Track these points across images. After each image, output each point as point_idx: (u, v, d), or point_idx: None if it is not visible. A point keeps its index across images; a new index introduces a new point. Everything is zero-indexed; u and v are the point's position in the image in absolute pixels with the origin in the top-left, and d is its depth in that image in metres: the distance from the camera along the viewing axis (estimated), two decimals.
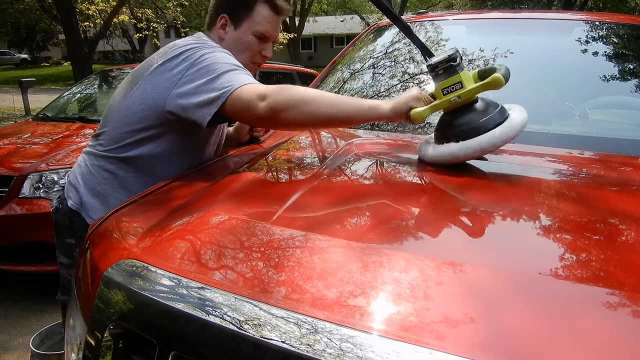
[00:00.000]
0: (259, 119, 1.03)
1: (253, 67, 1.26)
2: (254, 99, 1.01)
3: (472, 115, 0.96)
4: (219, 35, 1.23)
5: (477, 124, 0.94)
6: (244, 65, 1.20)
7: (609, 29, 1.66)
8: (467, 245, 0.66)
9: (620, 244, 0.66)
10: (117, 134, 1.18)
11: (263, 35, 1.22)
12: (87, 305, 0.72)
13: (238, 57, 1.20)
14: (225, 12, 1.21)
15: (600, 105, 1.40)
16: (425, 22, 1.88)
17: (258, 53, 1.25)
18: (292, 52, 22.91)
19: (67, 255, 1.26)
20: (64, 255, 1.26)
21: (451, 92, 0.95)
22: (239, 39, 1.22)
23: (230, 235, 0.72)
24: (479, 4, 21.09)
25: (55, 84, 18.72)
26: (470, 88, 0.94)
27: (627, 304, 0.52)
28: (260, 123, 1.16)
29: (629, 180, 0.95)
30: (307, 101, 1.00)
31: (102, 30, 10.79)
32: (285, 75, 5.06)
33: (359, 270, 0.59)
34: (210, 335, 0.56)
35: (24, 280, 2.91)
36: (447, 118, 1.00)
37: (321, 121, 1.05)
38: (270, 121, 1.05)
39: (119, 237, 0.79)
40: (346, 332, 0.50)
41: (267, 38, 1.23)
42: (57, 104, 4.19)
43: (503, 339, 0.47)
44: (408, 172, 1.02)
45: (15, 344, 2.31)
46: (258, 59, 1.26)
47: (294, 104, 0.99)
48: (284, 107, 0.99)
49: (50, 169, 2.76)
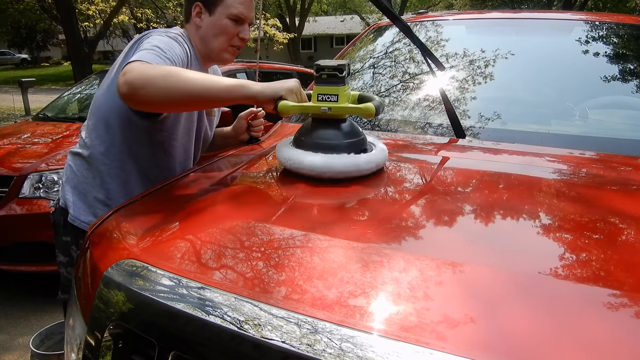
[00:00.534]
0: (122, 96, 0.95)
1: (232, 51, 1.26)
2: (120, 75, 0.94)
3: (335, 132, 0.93)
4: (196, 24, 1.24)
5: (333, 143, 0.91)
6: (222, 50, 1.23)
7: (609, 29, 1.66)
8: (467, 245, 0.66)
9: (620, 244, 0.66)
10: (90, 129, 1.21)
11: (238, 17, 1.22)
12: (87, 305, 0.72)
13: (216, 42, 1.22)
14: (198, 0, 1.23)
15: (600, 105, 1.40)
16: (425, 22, 1.88)
17: (235, 36, 1.25)
18: (292, 52, 22.92)
19: (64, 253, 1.27)
20: (62, 253, 1.28)
21: (325, 101, 0.93)
22: (215, 23, 1.22)
23: (230, 235, 0.72)
24: (479, 4, 21.09)
25: (55, 84, 18.72)
26: (342, 105, 0.93)
27: (627, 304, 0.53)
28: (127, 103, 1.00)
29: (629, 180, 0.95)
30: (165, 75, 0.93)
31: (102, 30, 10.80)
32: (285, 75, 5.06)
33: (359, 270, 0.59)
34: (210, 335, 0.56)
35: (24, 280, 2.91)
36: (312, 125, 0.97)
37: (183, 98, 0.95)
38: (130, 99, 0.96)
39: (119, 237, 0.79)
40: (346, 332, 0.50)
41: (242, 20, 1.24)
42: (57, 104, 4.19)
43: (503, 339, 0.47)
44: (407, 172, 1.02)
45: (15, 344, 2.31)
46: (236, 42, 1.26)
47: (150, 79, 0.92)
48: (141, 84, 0.92)
49: (50, 169, 2.76)
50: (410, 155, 1.15)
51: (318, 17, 31.15)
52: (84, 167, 1.22)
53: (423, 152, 1.16)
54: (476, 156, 1.10)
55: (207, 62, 1.28)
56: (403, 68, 1.65)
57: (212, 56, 1.26)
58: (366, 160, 0.91)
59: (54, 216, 1.28)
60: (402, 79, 1.60)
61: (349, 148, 0.91)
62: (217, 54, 1.25)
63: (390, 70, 1.67)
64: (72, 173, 1.24)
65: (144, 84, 0.92)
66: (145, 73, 0.93)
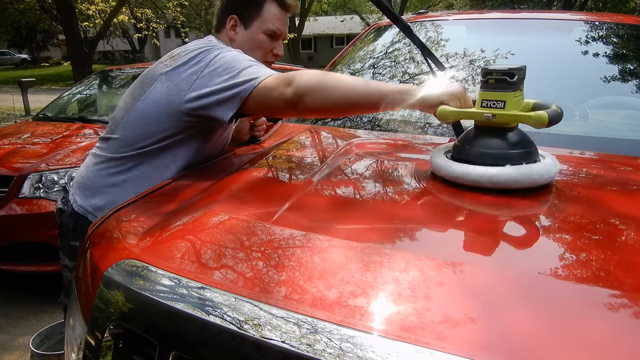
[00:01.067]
0: (285, 104, 1.01)
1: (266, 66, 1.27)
2: (281, 86, 1.00)
3: (500, 142, 0.85)
4: (229, 37, 1.23)
5: (499, 153, 0.83)
6: None
7: (609, 29, 1.66)
8: (467, 245, 0.67)
9: (620, 244, 0.66)
10: (129, 137, 1.17)
11: (274, 32, 1.23)
12: (87, 305, 0.72)
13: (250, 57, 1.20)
14: (234, 13, 1.22)
15: (601, 105, 1.40)
16: (425, 22, 1.88)
17: (270, 51, 1.25)
18: (292, 52, 22.92)
19: (70, 258, 1.25)
20: (67, 257, 1.25)
21: (490, 107, 0.85)
22: (251, 38, 1.22)
23: (230, 235, 0.72)
24: (479, 4, 21.09)
25: (55, 84, 18.72)
26: (509, 113, 0.84)
27: (627, 304, 0.53)
28: (284, 110, 1.10)
29: (629, 180, 0.95)
30: (331, 83, 0.97)
31: (102, 30, 10.80)
32: None
33: (359, 270, 0.59)
34: (211, 335, 0.56)
35: (24, 280, 2.91)
36: (475, 133, 0.89)
37: (346, 105, 0.99)
38: (295, 106, 1.01)
39: (119, 237, 0.79)
40: (346, 332, 0.50)
41: (278, 35, 1.24)
42: (57, 104, 4.19)
43: (503, 339, 0.47)
44: (408, 173, 1.02)
45: (15, 344, 2.31)
46: (270, 58, 1.26)
47: (316, 87, 0.97)
48: (308, 91, 0.97)
49: (50, 169, 2.76)
50: (410, 155, 1.15)
51: (318, 17, 31.16)
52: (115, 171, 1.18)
53: (423, 152, 1.16)
54: None
55: None
56: (403, 68, 1.65)
57: None
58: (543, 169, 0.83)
59: (62, 218, 1.25)
60: (402, 79, 1.60)
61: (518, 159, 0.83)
62: None
63: (391, 70, 1.67)
64: (98, 177, 1.19)
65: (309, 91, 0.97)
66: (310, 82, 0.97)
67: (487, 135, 0.87)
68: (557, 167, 0.86)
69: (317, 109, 1.03)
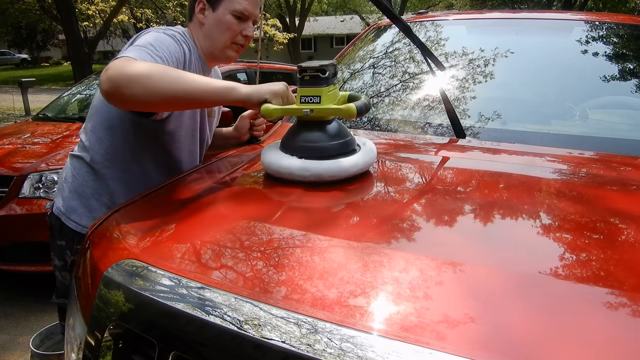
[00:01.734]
0: (105, 95, 0.93)
1: (236, 48, 1.24)
2: (102, 72, 0.92)
3: (320, 135, 0.92)
4: (199, 21, 1.21)
5: (319, 145, 0.90)
6: (225, 47, 1.21)
7: (609, 29, 1.66)
8: (467, 245, 0.66)
9: (620, 243, 0.66)
10: (89, 132, 1.19)
11: (242, 13, 1.20)
12: (87, 305, 0.72)
13: (219, 39, 1.19)
14: None
15: (600, 105, 1.40)
16: (425, 22, 1.88)
17: (239, 33, 1.22)
18: (292, 52, 22.92)
19: (59, 257, 1.26)
20: (57, 257, 1.27)
21: (307, 102, 0.91)
22: (219, 20, 1.20)
23: (230, 235, 0.72)
24: (479, 4, 21.09)
25: (55, 84, 18.72)
26: (324, 107, 0.91)
27: (626, 303, 0.53)
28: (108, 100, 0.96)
29: (629, 180, 0.95)
30: (149, 75, 0.90)
31: (102, 30, 10.81)
32: (285, 75, 5.06)
33: (359, 270, 0.59)
34: (210, 335, 0.56)
35: (24, 280, 2.91)
36: (297, 128, 0.96)
37: (168, 98, 0.93)
38: (113, 98, 0.93)
39: (119, 237, 0.79)
40: (346, 332, 0.50)
41: (247, 16, 1.21)
42: (57, 104, 4.19)
43: (503, 339, 0.47)
44: (408, 172, 1.02)
45: (16, 344, 2.31)
46: (240, 40, 1.23)
47: (134, 78, 0.90)
48: (125, 82, 0.90)
49: (50, 169, 2.76)
50: (410, 155, 1.15)
51: (318, 17, 31.15)
52: (85, 171, 1.20)
53: (423, 152, 1.16)
54: (476, 156, 1.10)
55: (211, 61, 1.26)
56: (403, 68, 1.65)
57: (216, 54, 1.23)
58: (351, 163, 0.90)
59: (49, 219, 1.27)
60: (402, 79, 1.60)
61: (335, 150, 0.90)
62: (220, 51, 1.22)
63: (390, 70, 1.67)
64: (72, 176, 1.22)
65: (126, 82, 0.89)
66: (128, 70, 0.90)
67: (306, 130, 0.94)
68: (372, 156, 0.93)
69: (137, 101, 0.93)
